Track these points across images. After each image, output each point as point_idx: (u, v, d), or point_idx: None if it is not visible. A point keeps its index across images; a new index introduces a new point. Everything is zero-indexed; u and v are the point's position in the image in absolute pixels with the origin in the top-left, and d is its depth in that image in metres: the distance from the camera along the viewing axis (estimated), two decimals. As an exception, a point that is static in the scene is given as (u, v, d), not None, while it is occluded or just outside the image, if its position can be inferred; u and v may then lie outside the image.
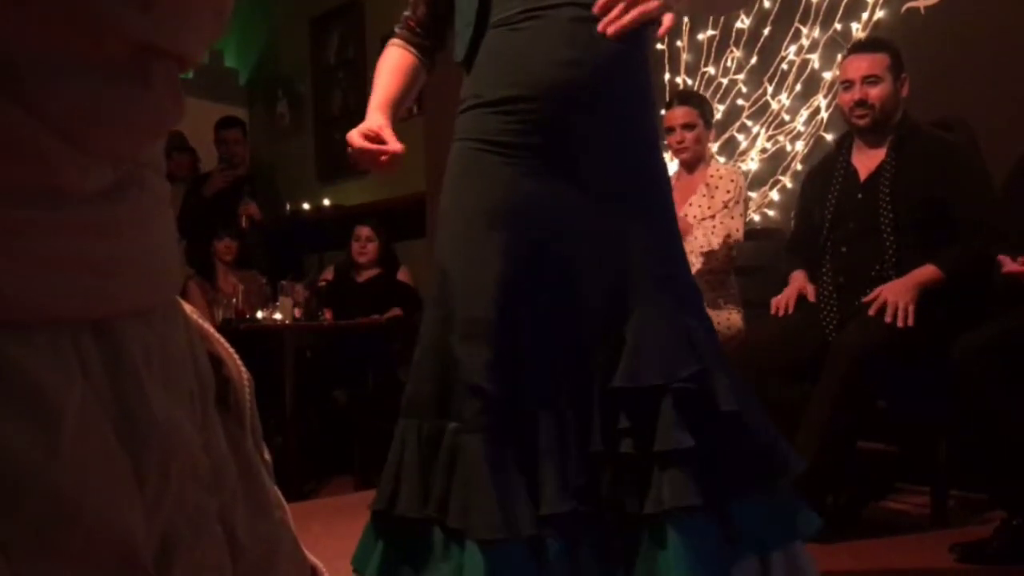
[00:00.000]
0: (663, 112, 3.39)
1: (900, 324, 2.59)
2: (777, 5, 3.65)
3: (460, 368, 1.59)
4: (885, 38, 2.99)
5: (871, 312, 2.64)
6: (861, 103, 2.80)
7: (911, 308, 2.59)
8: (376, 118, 1.78)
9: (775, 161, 3.71)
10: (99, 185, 0.50)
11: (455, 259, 1.65)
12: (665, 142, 3.37)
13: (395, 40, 1.88)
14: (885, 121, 2.81)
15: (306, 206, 5.65)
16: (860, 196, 2.82)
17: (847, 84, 2.85)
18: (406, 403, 1.68)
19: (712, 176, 3.28)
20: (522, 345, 1.59)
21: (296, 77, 5.95)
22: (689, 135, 3.30)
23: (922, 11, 3.27)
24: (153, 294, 0.58)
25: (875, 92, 2.79)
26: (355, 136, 1.75)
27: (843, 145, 2.97)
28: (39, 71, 0.45)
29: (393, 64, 1.85)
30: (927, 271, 2.66)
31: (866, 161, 2.85)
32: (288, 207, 5.70)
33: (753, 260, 3.51)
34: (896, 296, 2.62)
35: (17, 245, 0.47)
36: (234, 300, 4.27)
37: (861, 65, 2.81)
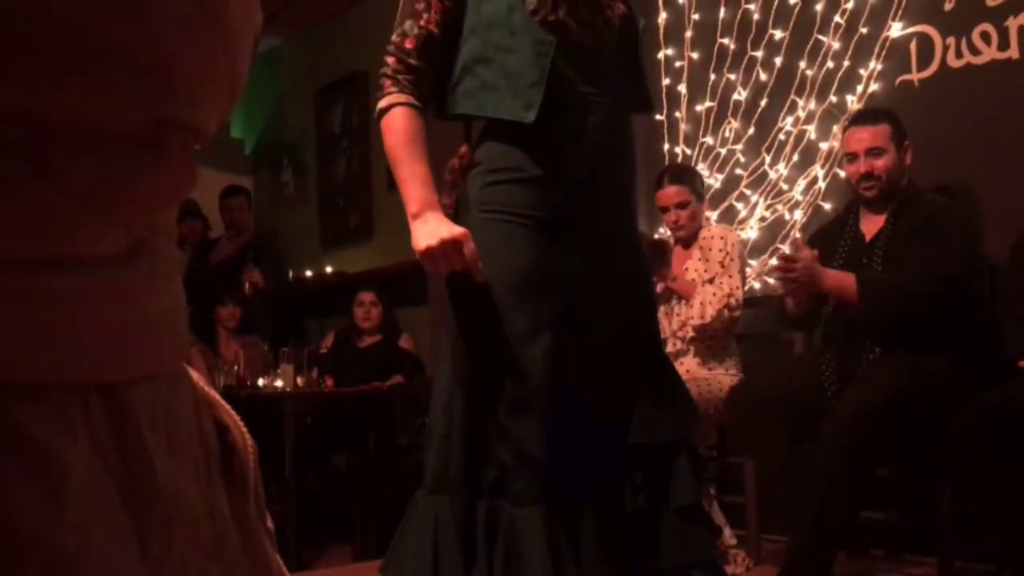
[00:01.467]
0: (656, 191, 3.43)
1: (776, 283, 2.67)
2: (773, 78, 3.73)
3: (510, 441, 1.59)
4: (884, 108, 3.02)
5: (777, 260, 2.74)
6: (867, 176, 2.81)
7: (794, 296, 2.72)
8: (443, 221, 1.69)
9: (774, 229, 3.74)
10: (113, 251, 0.52)
11: (495, 332, 1.66)
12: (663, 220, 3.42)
13: (400, 99, 1.77)
14: (891, 189, 2.83)
15: (308, 273, 5.68)
16: (864, 260, 2.83)
17: (851, 156, 2.86)
18: (433, 479, 1.66)
19: (704, 238, 3.32)
20: (567, 412, 1.62)
21: (301, 146, 6.03)
22: (684, 213, 3.33)
23: (916, 84, 3.33)
24: (162, 360, 0.59)
25: (880, 163, 2.80)
26: (456, 245, 1.65)
27: (851, 211, 2.98)
28: (61, 143, 0.47)
29: (414, 135, 1.74)
30: (845, 279, 2.68)
31: (871, 226, 2.87)
32: (291, 274, 5.73)
33: (752, 327, 3.52)
34: (803, 275, 2.65)
35: (30, 310, 0.48)
36: (235, 367, 4.27)
37: (864, 137, 2.82)
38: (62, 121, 0.47)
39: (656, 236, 3.85)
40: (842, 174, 3.37)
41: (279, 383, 4.09)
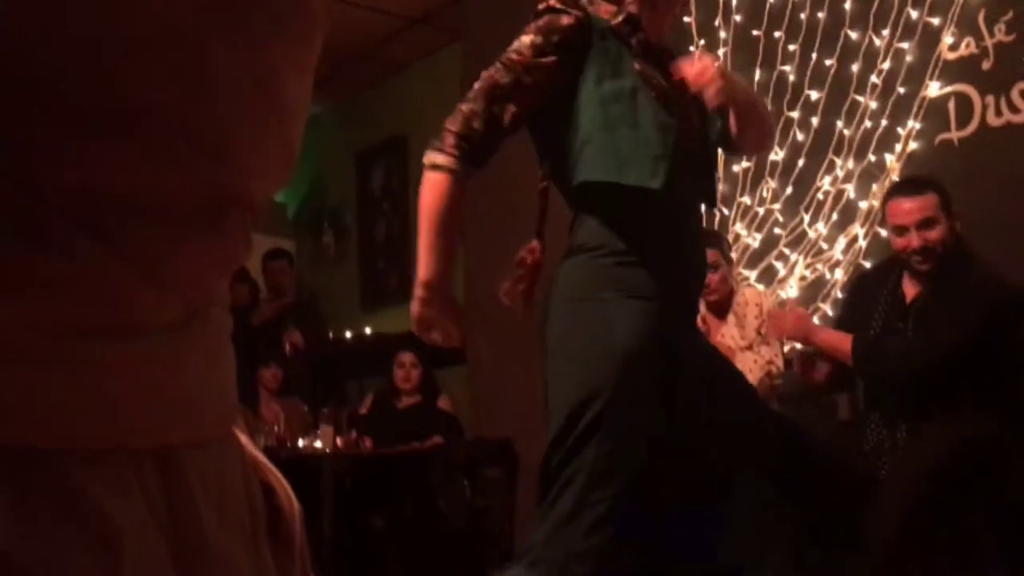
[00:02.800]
0: None
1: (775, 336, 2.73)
2: (810, 138, 3.73)
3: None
4: (927, 176, 2.89)
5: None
6: (923, 250, 2.63)
7: (784, 357, 2.74)
8: (439, 296, 1.75)
9: (815, 289, 3.72)
10: (169, 319, 0.53)
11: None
12: None
13: (449, 164, 1.76)
14: (945, 259, 2.65)
15: (348, 334, 5.73)
16: (900, 324, 2.73)
17: (900, 229, 2.68)
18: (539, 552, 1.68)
19: (739, 304, 3.29)
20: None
21: (342, 209, 6.12)
22: (715, 276, 3.27)
23: (956, 142, 3.32)
24: (213, 425, 0.60)
25: (934, 235, 2.62)
26: (439, 312, 1.74)
27: (894, 270, 2.85)
28: (121, 213, 0.49)
29: (450, 205, 1.75)
30: (840, 339, 2.66)
31: (912, 289, 2.76)
32: (331, 334, 5.78)
33: (795, 388, 3.47)
34: (796, 327, 2.64)
35: (89, 377, 0.50)
36: (275, 428, 4.29)
37: (912, 208, 2.65)
38: (122, 192, 0.49)
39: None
40: (883, 232, 3.34)
41: (318, 444, 4.11)
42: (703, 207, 1.99)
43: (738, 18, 3.96)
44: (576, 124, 1.74)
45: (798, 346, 3.54)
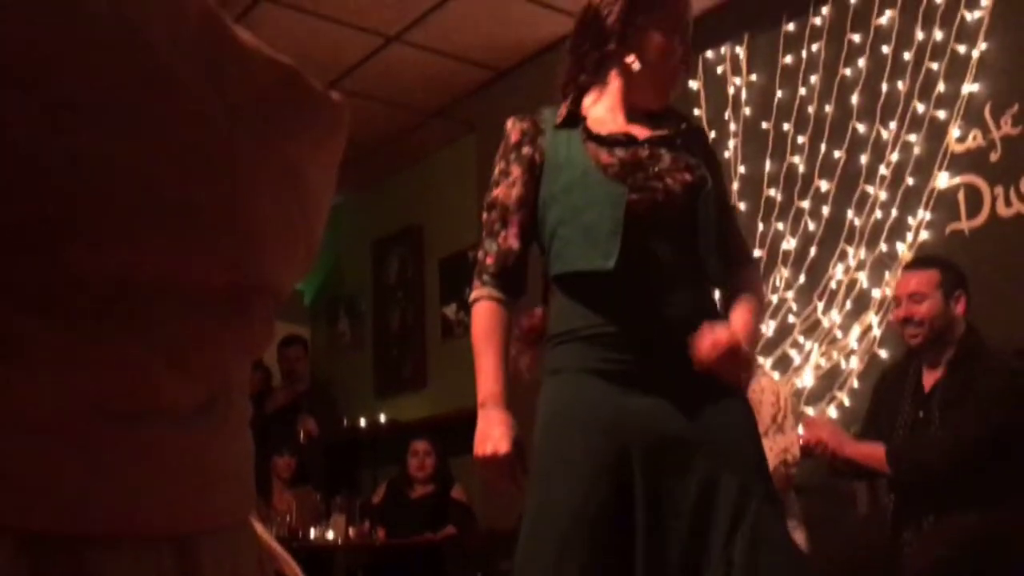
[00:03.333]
0: None
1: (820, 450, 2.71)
2: (822, 227, 3.77)
3: None
4: (939, 255, 2.99)
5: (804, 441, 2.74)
6: (908, 320, 2.77)
7: (831, 451, 2.70)
8: (496, 423, 1.76)
9: (830, 378, 3.70)
10: (192, 404, 0.55)
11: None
12: None
13: (483, 293, 1.83)
14: (940, 339, 2.74)
15: (363, 421, 5.71)
16: (922, 414, 2.74)
17: (896, 301, 2.85)
18: None
19: (754, 391, 3.27)
20: None
21: (357, 296, 6.17)
22: None
23: (966, 232, 3.34)
24: (230, 512, 0.61)
25: (921, 309, 2.74)
26: (494, 466, 1.74)
27: (913, 362, 2.90)
28: (151, 299, 0.51)
29: (492, 327, 1.81)
30: (873, 450, 2.66)
31: (930, 378, 2.79)
32: (345, 422, 5.76)
33: (812, 478, 3.43)
34: (830, 438, 2.66)
35: (111, 462, 0.51)
36: (288, 518, 4.24)
37: (908, 283, 2.81)
38: (152, 279, 0.51)
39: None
40: (897, 322, 3.35)
41: (330, 534, 4.05)
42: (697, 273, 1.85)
43: (747, 111, 4.04)
44: (545, 222, 1.82)
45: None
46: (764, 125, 3.95)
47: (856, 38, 3.67)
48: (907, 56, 3.49)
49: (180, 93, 0.51)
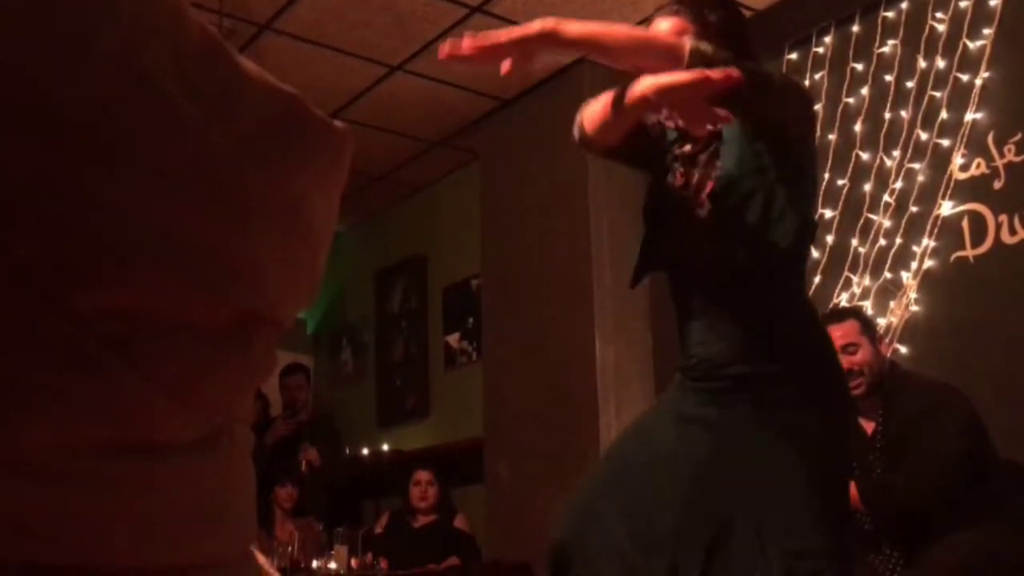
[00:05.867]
0: None
1: None
2: (826, 256, 3.76)
3: None
4: (849, 307, 3.10)
5: None
6: (849, 373, 2.70)
7: None
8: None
9: (836, 406, 3.68)
10: (193, 437, 0.54)
11: None
12: None
13: None
14: (878, 384, 2.78)
15: (365, 451, 5.68)
16: (870, 458, 2.76)
17: None
18: None
19: None
20: None
21: (360, 326, 6.16)
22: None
23: (971, 260, 3.34)
24: (231, 546, 0.60)
25: (857, 359, 2.77)
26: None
27: (855, 408, 2.85)
28: (152, 334, 0.50)
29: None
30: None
31: (868, 423, 2.82)
32: (347, 452, 5.74)
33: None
34: None
35: (111, 497, 0.50)
36: (290, 549, 4.21)
37: (836, 335, 2.73)
38: (153, 314, 0.50)
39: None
40: (903, 350, 3.33)
41: (333, 565, 4.02)
42: (730, 275, 1.76)
43: (751, 140, 4.05)
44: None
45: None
46: (767, 154, 3.96)
47: (859, 67, 3.68)
48: (909, 84, 3.50)
49: (187, 128, 0.51)
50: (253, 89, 0.57)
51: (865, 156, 3.63)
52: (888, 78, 3.57)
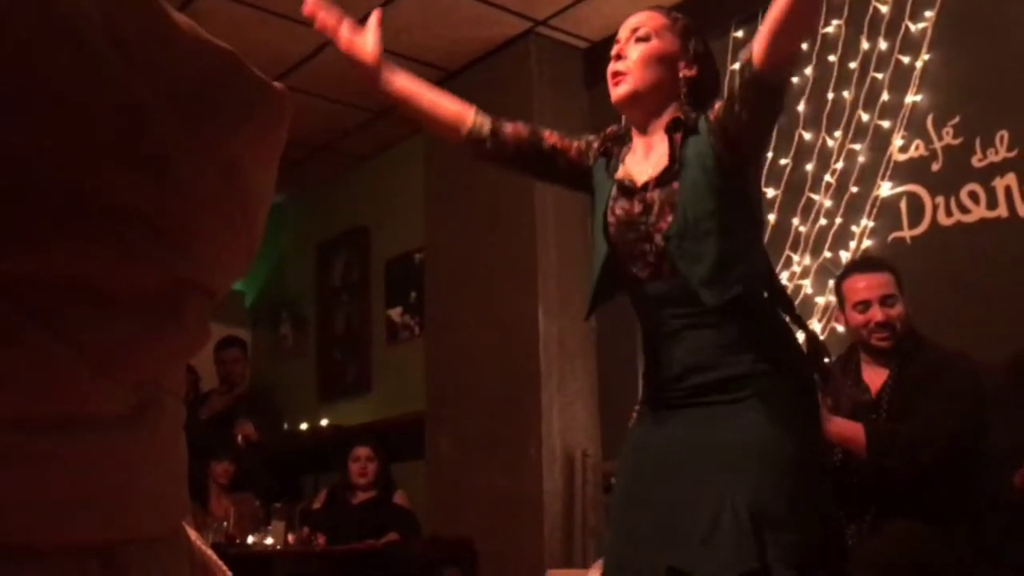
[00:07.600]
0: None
1: None
2: (767, 235, 3.80)
3: None
4: (881, 257, 3.00)
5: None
6: (884, 325, 2.68)
7: None
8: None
9: (774, 383, 3.73)
10: (120, 410, 0.52)
11: None
12: None
13: (481, 114, 2.05)
14: (903, 341, 2.71)
15: (304, 426, 5.63)
16: (873, 416, 2.69)
17: (864, 305, 2.72)
18: None
19: None
20: None
21: (300, 299, 6.09)
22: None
23: (908, 241, 3.40)
24: (161, 521, 0.58)
25: (895, 312, 2.69)
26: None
27: (852, 358, 2.86)
28: (77, 302, 0.47)
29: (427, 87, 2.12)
30: (854, 428, 2.58)
31: (875, 378, 2.76)
32: (287, 427, 5.68)
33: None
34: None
35: (33, 472, 0.48)
36: (225, 524, 4.16)
37: (874, 284, 2.72)
38: (78, 281, 0.48)
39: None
40: (840, 328, 3.37)
41: (269, 540, 3.98)
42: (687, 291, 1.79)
43: (695, 118, 4.07)
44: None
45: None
46: (711, 132, 3.98)
47: (803, 47, 3.71)
48: (852, 65, 3.54)
49: (114, 82, 0.47)
50: (187, 44, 0.54)
51: (808, 136, 3.67)
52: (832, 58, 3.61)
